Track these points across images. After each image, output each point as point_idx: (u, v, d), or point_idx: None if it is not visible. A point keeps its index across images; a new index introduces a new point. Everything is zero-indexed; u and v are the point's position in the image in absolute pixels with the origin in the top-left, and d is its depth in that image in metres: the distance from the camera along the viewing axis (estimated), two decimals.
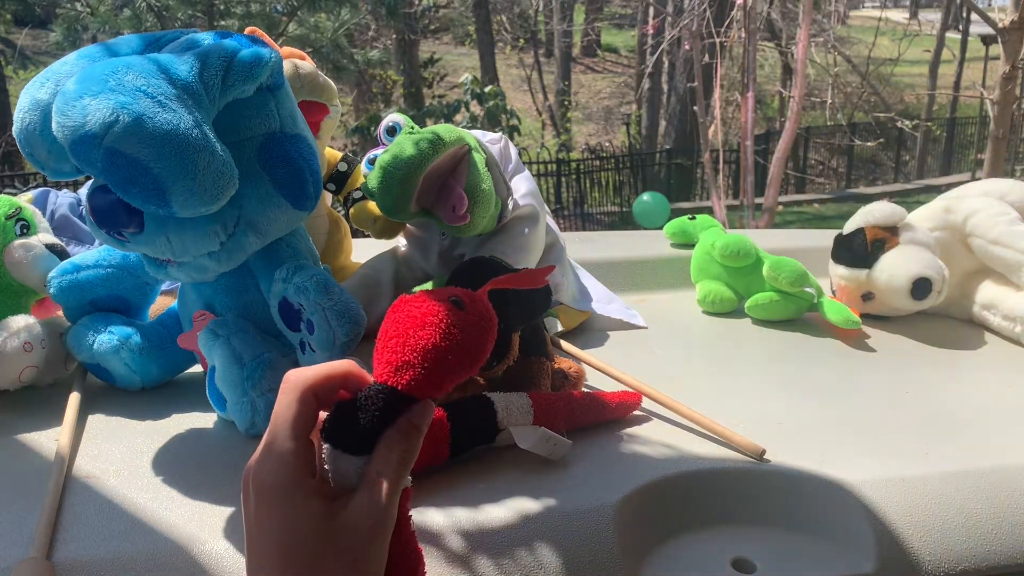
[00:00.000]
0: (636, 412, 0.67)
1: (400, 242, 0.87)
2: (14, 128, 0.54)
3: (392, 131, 0.77)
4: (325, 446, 0.39)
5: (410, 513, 0.42)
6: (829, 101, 6.59)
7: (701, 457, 0.59)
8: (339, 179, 0.87)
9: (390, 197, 0.70)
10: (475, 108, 6.42)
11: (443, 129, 0.71)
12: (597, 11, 14.75)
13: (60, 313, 0.73)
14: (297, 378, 0.39)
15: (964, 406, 0.69)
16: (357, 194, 0.86)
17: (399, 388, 0.39)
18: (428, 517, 0.51)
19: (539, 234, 0.82)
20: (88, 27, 5.18)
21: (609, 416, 0.64)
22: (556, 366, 0.67)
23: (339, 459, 0.39)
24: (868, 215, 0.91)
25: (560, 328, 0.85)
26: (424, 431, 0.40)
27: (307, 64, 0.79)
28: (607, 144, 11.22)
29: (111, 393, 0.71)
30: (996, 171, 3.03)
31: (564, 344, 0.76)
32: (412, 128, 0.73)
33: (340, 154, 0.89)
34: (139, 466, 0.58)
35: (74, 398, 0.66)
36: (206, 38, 0.56)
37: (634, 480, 0.55)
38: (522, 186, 0.83)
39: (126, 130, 0.48)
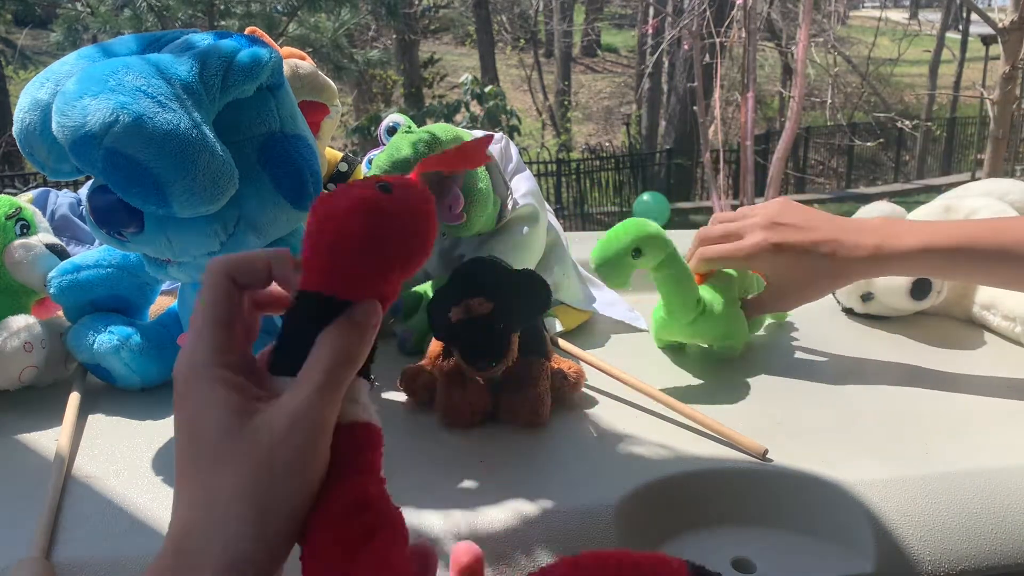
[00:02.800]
0: (636, 412, 0.67)
1: None
2: (14, 128, 0.54)
3: (392, 131, 0.77)
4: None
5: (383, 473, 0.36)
6: (829, 101, 6.60)
7: (702, 457, 0.59)
8: (339, 179, 0.87)
9: None
10: (475, 108, 6.43)
11: (440, 129, 0.71)
12: (597, 11, 14.76)
13: (60, 313, 0.73)
14: (214, 264, 0.36)
15: (964, 406, 0.69)
16: None
17: (334, 294, 0.34)
18: (425, 517, 0.50)
19: (539, 233, 0.82)
20: (88, 27, 5.19)
21: None
22: (556, 366, 0.67)
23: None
24: (867, 215, 0.91)
25: (560, 328, 0.85)
26: (369, 329, 0.35)
27: (307, 64, 0.79)
28: (607, 144, 11.23)
29: (111, 393, 0.71)
30: (996, 171, 3.03)
31: (564, 344, 0.76)
32: (410, 128, 0.73)
33: (340, 154, 0.89)
34: (139, 466, 0.58)
35: (74, 398, 0.66)
36: (206, 38, 0.56)
37: (634, 480, 0.55)
38: (522, 186, 0.83)
39: (126, 130, 0.48)
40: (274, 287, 0.37)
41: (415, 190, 0.37)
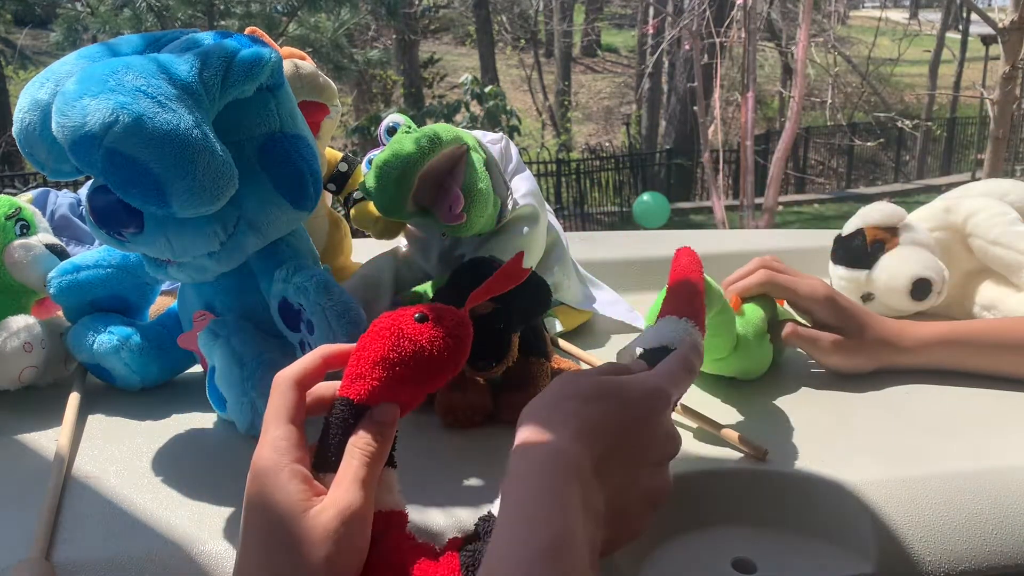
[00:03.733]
0: None
1: (401, 242, 0.87)
2: (14, 128, 0.54)
3: (392, 131, 0.77)
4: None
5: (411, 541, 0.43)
6: (829, 101, 6.59)
7: (702, 457, 0.59)
8: (339, 179, 0.87)
9: (386, 195, 0.70)
10: (475, 108, 6.42)
11: (441, 128, 0.71)
12: (597, 11, 14.76)
13: (60, 313, 0.73)
14: (280, 376, 0.44)
15: (964, 406, 0.69)
16: (357, 194, 0.86)
17: (354, 400, 0.42)
18: (428, 516, 0.51)
19: (539, 234, 0.82)
20: (88, 27, 5.19)
21: None
22: (556, 366, 0.67)
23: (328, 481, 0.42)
24: (867, 215, 0.91)
25: (560, 328, 0.85)
26: (388, 428, 0.43)
27: (307, 64, 0.79)
28: (607, 144, 11.23)
29: (111, 393, 0.71)
30: (996, 171, 3.03)
31: (564, 344, 0.76)
32: (409, 128, 0.73)
33: (340, 154, 0.89)
34: (139, 466, 0.58)
35: (74, 398, 0.66)
36: (206, 38, 0.56)
37: None
38: (522, 186, 0.83)
39: (126, 130, 0.48)
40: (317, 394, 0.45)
41: (449, 321, 0.44)
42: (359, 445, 0.41)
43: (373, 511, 0.41)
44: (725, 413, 0.64)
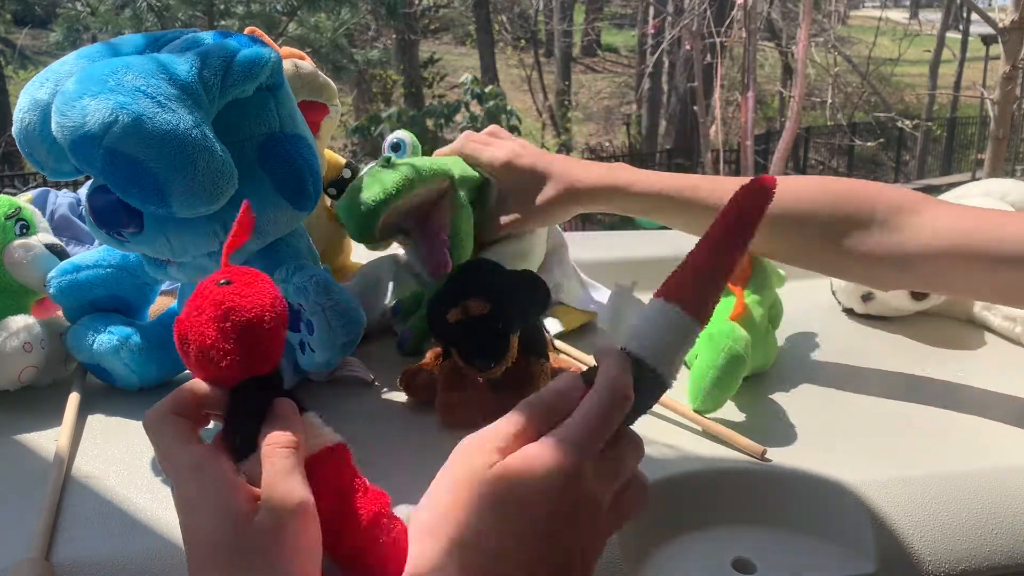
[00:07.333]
0: None
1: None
2: (14, 128, 0.54)
3: (396, 147, 0.78)
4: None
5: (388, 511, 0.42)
6: (829, 101, 6.59)
7: (701, 457, 0.59)
8: (340, 185, 0.87)
9: (353, 226, 0.71)
10: (475, 108, 6.42)
11: (425, 164, 0.71)
12: (597, 11, 14.74)
13: (60, 313, 0.73)
14: (153, 411, 0.40)
15: (964, 406, 0.69)
16: None
17: (270, 372, 0.41)
18: None
19: (539, 236, 0.82)
20: (88, 27, 5.19)
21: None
22: (556, 366, 0.67)
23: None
24: None
25: (560, 328, 0.85)
26: (293, 416, 0.41)
27: (307, 64, 0.79)
28: (607, 144, 11.22)
29: (111, 393, 0.71)
30: (996, 171, 3.03)
31: (561, 344, 0.76)
32: (389, 162, 0.71)
33: (340, 156, 0.89)
34: (139, 466, 0.58)
35: (74, 398, 0.66)
36: (206, 38, 0.56)
37: None
38: None
39: (125, 130, 0.48)
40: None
41: (243, 269, 0.43)
42: (273, 444, 0.39)
43: (309, 492, 0.39)
44: (725, 413, 0.64)
